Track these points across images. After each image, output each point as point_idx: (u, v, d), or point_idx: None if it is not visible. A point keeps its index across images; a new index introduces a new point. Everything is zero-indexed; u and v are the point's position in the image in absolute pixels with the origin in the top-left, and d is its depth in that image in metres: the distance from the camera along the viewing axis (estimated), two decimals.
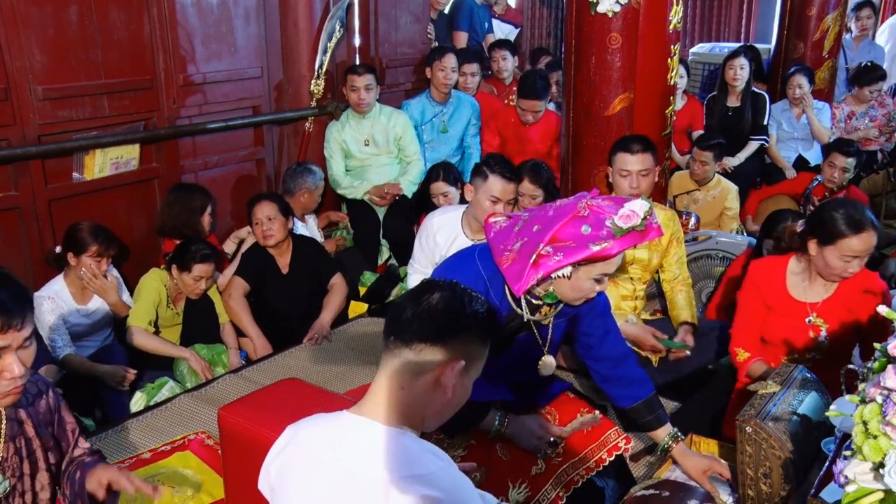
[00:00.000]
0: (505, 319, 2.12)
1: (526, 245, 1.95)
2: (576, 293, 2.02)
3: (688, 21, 8.91)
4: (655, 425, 2.36)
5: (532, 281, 1.94)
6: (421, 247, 3.46)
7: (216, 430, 2.48)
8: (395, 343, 1.41)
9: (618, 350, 2.33)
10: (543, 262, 1.92)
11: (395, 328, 1.42)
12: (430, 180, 4.18)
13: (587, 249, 1.88)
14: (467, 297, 1.45)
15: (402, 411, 1.40)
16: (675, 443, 2.36)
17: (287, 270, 3.93)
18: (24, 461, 1.77)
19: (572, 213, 1.93)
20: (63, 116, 3.64)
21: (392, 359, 1.41)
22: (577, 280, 1.98)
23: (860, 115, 5.61)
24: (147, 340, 3.46)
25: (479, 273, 2.08)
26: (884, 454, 1.33)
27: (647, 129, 3.69)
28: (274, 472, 1.48)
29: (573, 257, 1.90)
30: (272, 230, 3.79)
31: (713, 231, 4.32)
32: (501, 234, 2.06)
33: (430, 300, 1.41)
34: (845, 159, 4.27)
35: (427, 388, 1.40)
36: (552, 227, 1.92)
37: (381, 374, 1.43)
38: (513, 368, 2.25)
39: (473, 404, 2.19)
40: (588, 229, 1.90)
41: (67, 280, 3.43)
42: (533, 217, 2.02)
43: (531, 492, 2.18)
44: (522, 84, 4.83)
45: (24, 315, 1.57)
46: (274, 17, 4.62)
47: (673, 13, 3.69)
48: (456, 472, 1.40)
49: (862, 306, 2.62)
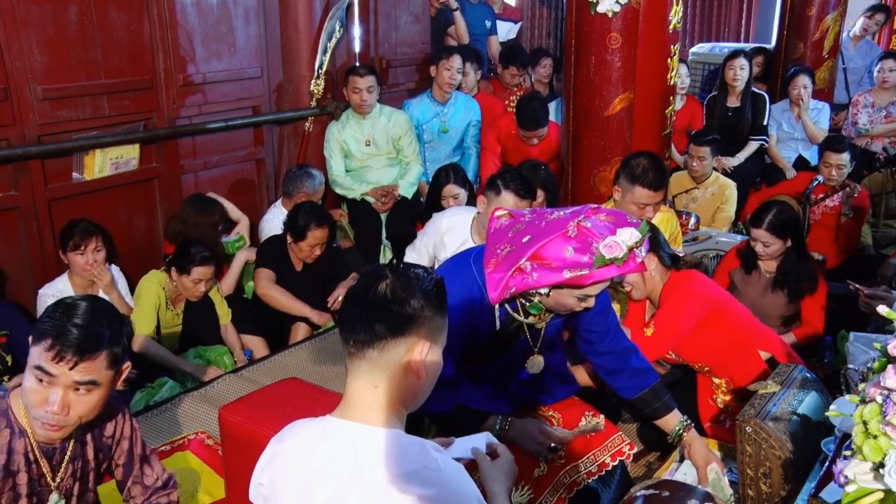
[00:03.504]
0: (503, 324, 2.12)
1: (510, 255, 1.94)
2: (560, 307, 2.03)
3: (688, 21, 8.91)
4: (664, 411, 2.37)
5: (506, 294, 1.94)
6: (423, 241, 3.44)
7: (216, 430, 2.49)
8: (356, 346, 1.37)
9: (620, 344, 2.34)
10: (519, 277, 1.91)
11: (351, 330, 1.37)
12: (439, 183, 4.14)
13: (560, 275, 1.87)
14: (413, 276, 1.39)
15: (382, 407, 1.38)
16: (686, 429, 2.37)
17: (301, 268, 3.97)
18: (77, 483, 1.79)
19: (561, 231, 1.89)
20: (63, 116, 3.64)
21: (358, 361, 1.37)
22: (559, 296, 1.98)
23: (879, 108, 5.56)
24: (150, 350, 3.45)
25: (474, 279, 2.07)
26: (884, 454, 1.33)
27: (646, 129, 3.70)
28: (266, 485, 1.44)
29: (546, 280, 1.89)
30: (313, 256, 3.89)
31: (713, 231, 4.32)
32: (498, 233, 2.06)
33: (377, 293, 1.36)
34: (838, 156, 4.27)
35: (400, 378, 1.38)
36: (538, 242, 1.89)
37: (351, 379, 1.39)
38: (503, 369, 2.26)
39: (473, 411, 2.20)
40: (570, 252, 1.87)
41: (72, 278, 3.45)
42: (529, 223, 1.99)
43: (534, 494, 2.18)
44: (521, 115, 4.70)
45: (87, 357, 1.57)
46: (274, 17, 4.62)
47: (673, 13, 3.70)
48: (449, 462, 1.39)
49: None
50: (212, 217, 3.91)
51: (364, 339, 1.36)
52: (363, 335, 1.36)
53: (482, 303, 2.06)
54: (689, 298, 2.79)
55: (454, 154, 5.16)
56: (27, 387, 1.61)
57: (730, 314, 2.83)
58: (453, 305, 2.03)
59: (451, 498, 1.33)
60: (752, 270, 3.47)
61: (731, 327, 2.81)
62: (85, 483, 1.81)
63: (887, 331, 1.73)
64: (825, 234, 4.41)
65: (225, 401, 2.59)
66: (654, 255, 2.76)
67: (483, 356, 2.20)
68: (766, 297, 3.41)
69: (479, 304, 2.06)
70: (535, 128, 4.68)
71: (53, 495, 1.73)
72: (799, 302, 3.40)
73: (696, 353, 2.86)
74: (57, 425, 1.63)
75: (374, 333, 1.35)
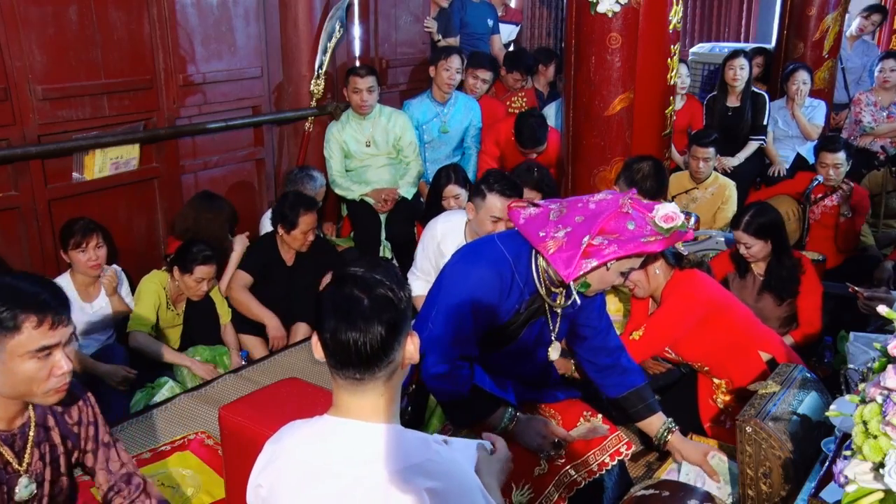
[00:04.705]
0: (526, 304, 2.15)
1: (572, 234, 2.01)
2: (603, 284, 2.10)
3: (688, 21, 8.91)
4: (647, 413, 2.40)
5: (585, 268, 1.99)
6: (425, 254, 3.44)
7: (216, 430, 2.49)
8: (362, 375, 1.32)
9: (612, 342, 2.39)
10: (596, 251, 1.98)
11: (348, 361, 1.31)
12: (440, 183, 4.14)
13: (638, 243, 1.97)
14: (378, 278, 1.33)
15: (383, 406, 1.37)
16: (670, 433, 2.38)
17: (292, 263, 3.96)
18: (47, 467, 1.78)
19: (616, 208, 2.01)
20: (63, 116, 3.64)
21: (360, 386, 1.34)
22: (611, 273, 2.06)
23: (881, 107, 5.56)
24: (148, 346, 3.46)
25: (503, 255, 2.12)
26: (884, 454, 1.33)
27: (646, 129, 3.70)
28: (266, 486, 1.42)
29: (625, 249, 1.97)
30: (305, 243, 3.86)
31: (713, 231, 4.31)
32: (535, 221, 2.10)
33: (361, 310, 1.29)
34: (833, 156, 4.27)
35: (398, 375, 1.38)
36: (598, 219, 2.00)
37: (351, 397, 1.35)
38: (516, 359, 2.27)
39: (486, 396, 2.21)
40: (633, 225, 1.99)
41: (73, 277, 3.44)
42: (570, 208, 2.08)
43: (534, 493, 2.18)
44: (520, 133, 4.66)
45: (68, 312, 1.63)
46: (274, 17, 4.62)
47: (673, 13, 3.70)
48: (452, 454, 1.39)
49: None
50: (221, 213, 3.90)
51: (368, 367, 1.32)
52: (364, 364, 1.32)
53: (513, 279, 2.11)
54: (685, 301, 2.79)
55: (454, 154, 5.16)
56: (26, 377, 1.60)
57: (730, 315, 2.83)
58: (485, 281, 2.09)
59: (456, 489, 1.34)
60: (746, 274, 3.47)
61: (731, 328, 2.81)
62: (56, 468, 1.80)
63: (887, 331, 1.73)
64: (825, 234, 4.41)
65: (225, 401, 2.60)
66: (658, 255, 2.77)
67: (496, 341, 2.22)
68: (759, 301, 3.41)
69: (509, 280, 2.11)
70: (533, 146, 4.67)
71: (23, 479, 1.71)
72: (793, 303, 3.40)
73: (696, 352, 2.86)
74: (66, 384, 1.67)
75: (375, 358, 1.31)
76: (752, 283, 3.46)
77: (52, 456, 1.79)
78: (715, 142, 4.55)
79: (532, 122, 4.66)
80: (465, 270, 2.14)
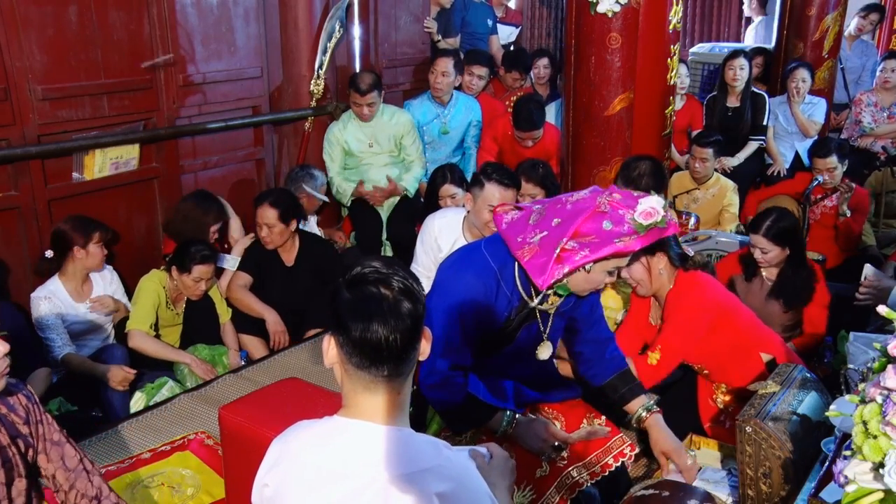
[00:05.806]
0: (516, 310, 2.14)
1: (547, 238, 1.98)
2: (589, 285, 2.07)
3: (688, 21, 8.90)
4: (629, 397, 2.40)
5: (557, 275, 1.97)
6: (423, 249, 3.45)
7: (216, 430, 2.49)
8: (391, 371, 1.32)
9: (603, 334, 2.42)
10: (568, 256, 1.95)
11: (379, 358, 1.30)
12: (437, 183, 4.15)
13: (612, 245, 1.92)
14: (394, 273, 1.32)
15: (398, 408, 1.36)
16: (648, 413, 2.37)
17: (291, 264, 3.95)
18: (1, 470, 1.75)
19: (592, 209, 1.97)
20: (63, 116, 3.64)
21: (384, 385, 1.33)
22: (594, 273, 2.03)
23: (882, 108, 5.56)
24: (147, 344, 3.46)
25: (488, 265, 2.11)
26: (884, 454, 1.33)
27: (646, 129, 3.71)
28: (272, 486, 1.40)
29: (598, 253, 1.94)
30: (270, 237, 3.82)
31: (713, 231, 4.31)
32: (515, 225, 2.08)
33: (388, 306, 1.28)
34: (824, 161, 4.28)
35: (412, 371, 1.38)
36: (574, 222, 1.96)
37: (371, 398, 1.34)
38: (514, 360, 2.27)
39: (481, 404, 2.21)
40: (610, 225, 1.95)
41: (63, 279, 3.43)
42: (549, 209, 2.05)
43: (536, 495, 2.18)
44: (517, 115, 4.68)
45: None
46: (274, 17, 4.62)
47: (673, 13, 3.70)
48: (462, 459, 1.39)
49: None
50: (208, 214, 3.86)
51: (397, 363, 1.32)
52: (395, 360, 1.31)
53: (498, 289, 2.10)
54: (694, 311, 2.77)
55: (454, 154, 5.16)
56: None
57: (734, 318, 2.82)
58: (471, 293, 2.08)
59: (466, 493, 1.33)
60: (754, 278, 3.45)
61: (734, 331, 2.80)
62: (9, 470, 1.76)
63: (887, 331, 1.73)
64: (825, 234, 4.41)
65: (225, 401, 2.60)
66: (663, 255, 2.76)
67: (492, 344, 2.22)
68: (766, 306, 3.38)
69: (494, 290, 2.11)
70: (529, 129, 4.67)
71: None
72: (800, 310, 3.38)
73: (699, 355, 2.86)
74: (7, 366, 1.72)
75: (403, 353, 1.31)
76: (759, 287, 3.43)
77: (5, 458, 1.75)
78: (714, 143, 4.55)
79: (530, 106, 4.68)
80: (452, 281, 2.14)
